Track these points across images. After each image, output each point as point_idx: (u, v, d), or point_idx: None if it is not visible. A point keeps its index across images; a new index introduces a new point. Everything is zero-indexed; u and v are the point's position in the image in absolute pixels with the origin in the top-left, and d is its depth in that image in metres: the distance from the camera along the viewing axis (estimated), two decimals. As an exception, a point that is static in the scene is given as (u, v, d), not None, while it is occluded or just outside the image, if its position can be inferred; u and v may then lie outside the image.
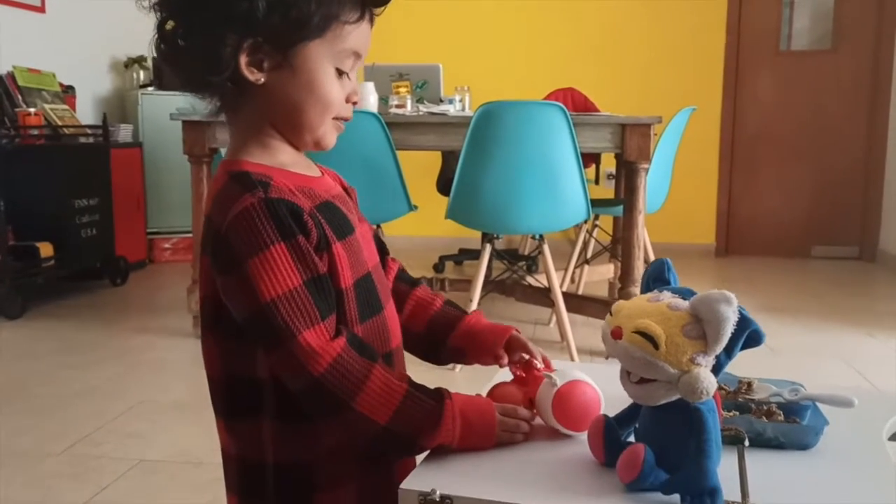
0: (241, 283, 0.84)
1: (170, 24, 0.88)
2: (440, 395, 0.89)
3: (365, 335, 0.93)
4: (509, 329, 1.05)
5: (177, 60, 0.90)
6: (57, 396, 2.68)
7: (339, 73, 0.92)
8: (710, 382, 0.74)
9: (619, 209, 3.38)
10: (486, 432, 0.90)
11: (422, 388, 0.89)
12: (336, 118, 0.94)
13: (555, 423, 0.92)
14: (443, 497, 0.79)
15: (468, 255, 5.06)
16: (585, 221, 3.53)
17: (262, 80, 0.89)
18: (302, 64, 0.89)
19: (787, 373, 1.05)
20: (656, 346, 0.75)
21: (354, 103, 0.96)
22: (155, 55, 0.91)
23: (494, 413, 0.91)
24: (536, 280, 3.53)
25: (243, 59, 0.87)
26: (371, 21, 0.93)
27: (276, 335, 0.84)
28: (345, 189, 1.03)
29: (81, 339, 3.37)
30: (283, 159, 0.93)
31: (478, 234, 4.29)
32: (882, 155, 5.31)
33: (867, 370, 2.98)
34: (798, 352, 3.18)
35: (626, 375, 0.80)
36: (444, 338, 1.07)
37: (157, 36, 0.89)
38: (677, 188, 3.87)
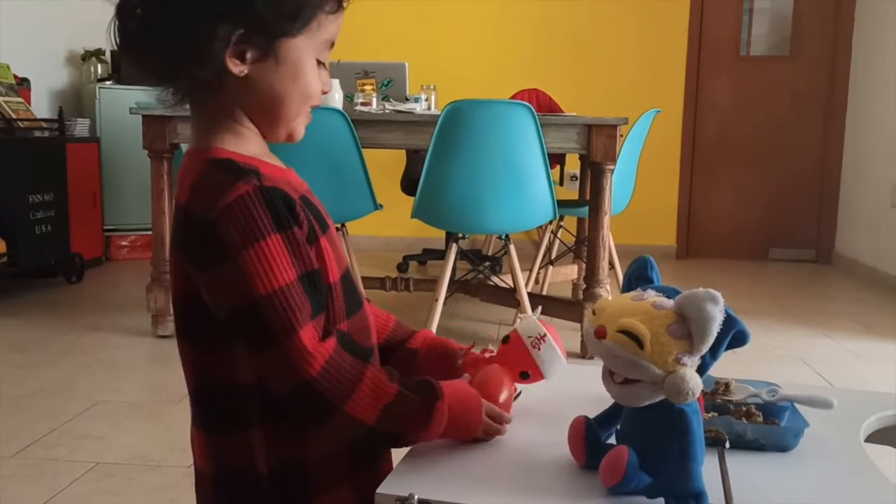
0: (231, 275, 0.80)
1: (140, 12, 0.82)
2: (431, 393, 0.87)
3: (351, 330, 0.90)
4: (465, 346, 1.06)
5: (148, 51, 0.84)
6: (9, 397, 2.59)
7: (318, 63, 0.89)
8: (696, 383, 0.73)
9: (584, 210, 3.38)
10: (469, 429, 0.90)
11: (412, 387, 0.87)
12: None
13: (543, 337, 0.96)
14: (421, 501, 0.77)
15: (432, 255, 5.04)
16: (550, 222, 3.54)
17: (246, 71, 0.85)
18: (286, 56, 0.86)
19: (747, 374, 1.05)
20: (641, 345, 0.74)
21: (325, 92, 0.94)
22: (116, 43, 0.84)
23: (481, 413, 0.90)
24: (501, 280, 3.52)
25: (228, 52, 0.83)
26: (343, 8, 0.90)
27: (267, 333, 0.80)
28: None
29: (35, 337, 3.28)
30: (254, 150, 0.89)
31: (441, 235, 4.28)
32: (838, 160, 5.41)
33: (825, 370, 3.03)
34: (757, 353, 3.21)
35: (609, 375, 0.79)
36: (398, 345, 1.06)
37: (120, 24, 0.83)
38: (639, 190, 3.89)
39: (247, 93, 0.87)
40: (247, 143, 0.89)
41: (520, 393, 1.01)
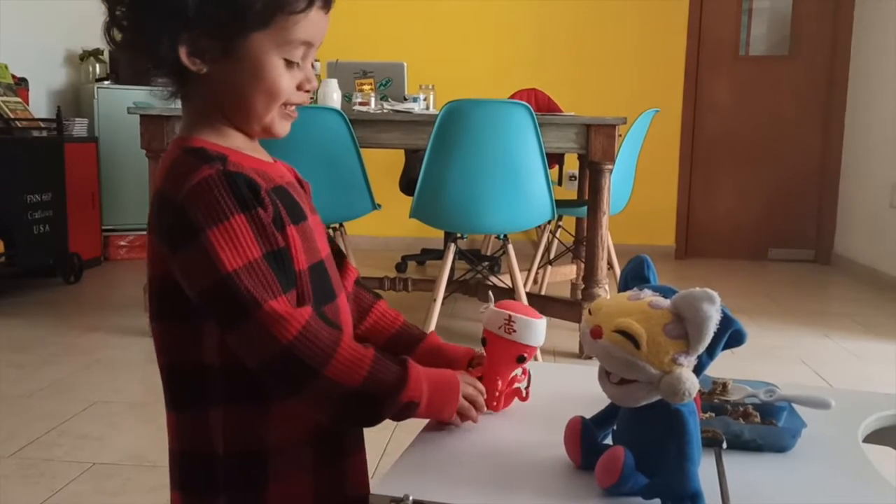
0: (199, 254, 0.82)
1: (118, 11, 0.87)
2: (403, 359, 0.89)
3: None
4: (472, 350, 1.06)
5: (128, 52, 0.91)
6: (6, 397, 2.59)
7: (289, 63, 0.89)
8: (692, 383, 0.72)
9: (583, 210, 3.38)
10: (450, 391, 0.91)
11: (385, 354, 0.88)
12: (286, 104, 0.92)
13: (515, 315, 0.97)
14: (415, 502, 0.76)
15: (430, 254, 5.04)
16: (549, 222, 3.53)
17: (205, 70, 0.87)
18: (245, 55, 0.87)
19: (746, 374, 1.05)
20: (637, 345, 0.73)
21: (307, 91, 0.93)
22: (107, 41, 0.89)
23: (455, 375, 0.93)
24: (500, 280, 3.51)
25: (183, 50, 0.85)
26: (325, 7, 0.90)
27: (238, 306, 0.80)
28: (298, 181, 1.02)
29: (33, 337, 3.27)
30: (236, 143, 0.92)
31: (439, 235, 4.28)
32: (837, 160, 5.41)
33: (824, 370, 3.02)
34: (756, 353, 3.21)
35: (605, 376, 0.78)
36: (405, 351, 1.05)
37: (108, 21, 0.88)
38: (638, 190, 3.88)
39: (215, 89, 0.89)
40: (227, 137, 0.91)
41: (528, 384, 1.02)
